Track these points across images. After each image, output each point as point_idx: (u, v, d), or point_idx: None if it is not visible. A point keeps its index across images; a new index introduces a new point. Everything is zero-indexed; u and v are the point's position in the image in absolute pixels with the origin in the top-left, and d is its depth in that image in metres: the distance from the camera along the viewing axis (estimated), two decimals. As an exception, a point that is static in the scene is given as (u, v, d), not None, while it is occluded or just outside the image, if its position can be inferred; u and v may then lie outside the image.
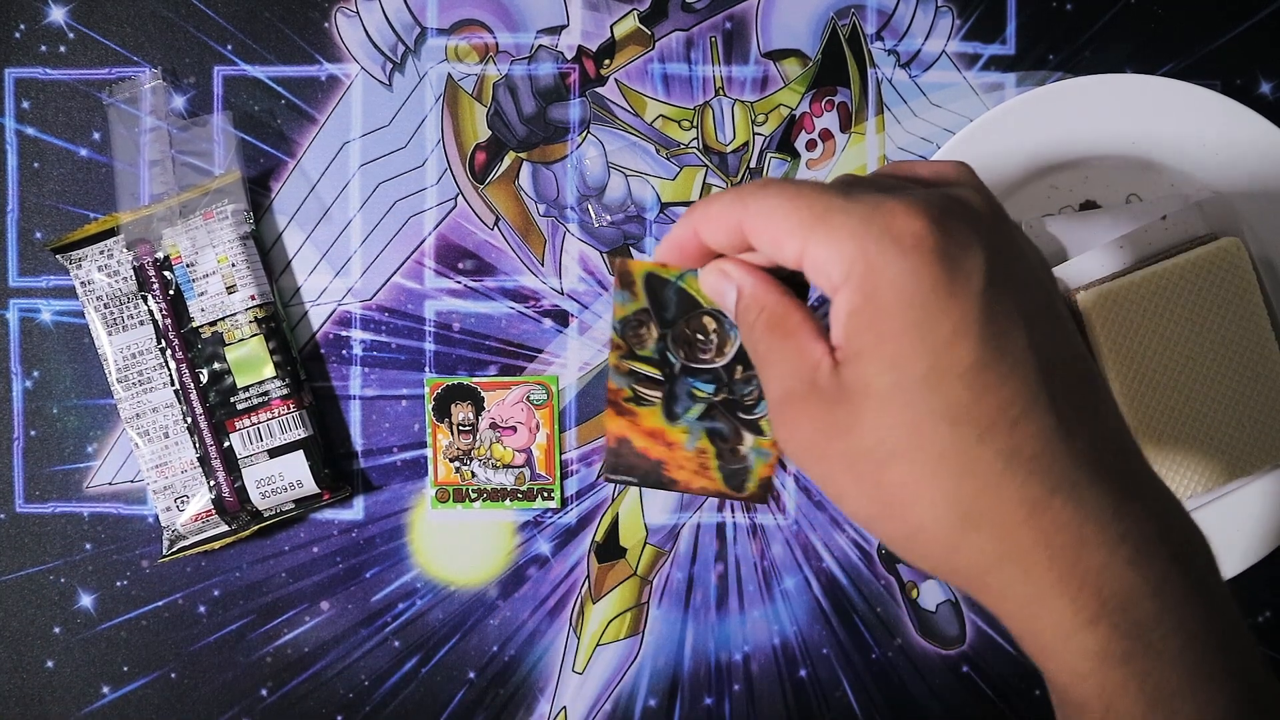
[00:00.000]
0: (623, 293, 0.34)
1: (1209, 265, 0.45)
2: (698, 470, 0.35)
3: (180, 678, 0.51)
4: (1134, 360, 0.46)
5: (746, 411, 0.35)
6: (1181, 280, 0.46)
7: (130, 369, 0.49)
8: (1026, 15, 0.51)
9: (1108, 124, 0.48)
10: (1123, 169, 0.49)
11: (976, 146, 0.48)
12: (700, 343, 0.34)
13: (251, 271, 0.49)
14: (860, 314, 0.28)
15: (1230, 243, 0.46)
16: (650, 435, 0.35)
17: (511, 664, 0.51)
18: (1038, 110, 0.48)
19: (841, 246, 0.27)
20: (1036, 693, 0.51)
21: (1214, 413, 0.46)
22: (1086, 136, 0.49)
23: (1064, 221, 0.49)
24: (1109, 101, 0.48)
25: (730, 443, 0.35)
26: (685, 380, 0.35)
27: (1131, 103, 0.48)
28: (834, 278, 0.28)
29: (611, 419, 0.35)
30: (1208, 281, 0.46)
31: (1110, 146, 0.49)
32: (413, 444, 0.51)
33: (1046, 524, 0.27)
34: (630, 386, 0.35)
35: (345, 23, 0.51)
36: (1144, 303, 0.46)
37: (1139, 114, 0.48)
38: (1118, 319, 0.46)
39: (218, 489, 0.49)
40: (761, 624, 0.51)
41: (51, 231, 0.51)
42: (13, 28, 0.51)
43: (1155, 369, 0.46)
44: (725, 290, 0.32)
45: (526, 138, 0.51)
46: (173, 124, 0.51)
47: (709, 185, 0.51)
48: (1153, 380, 0.46)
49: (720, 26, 0.51)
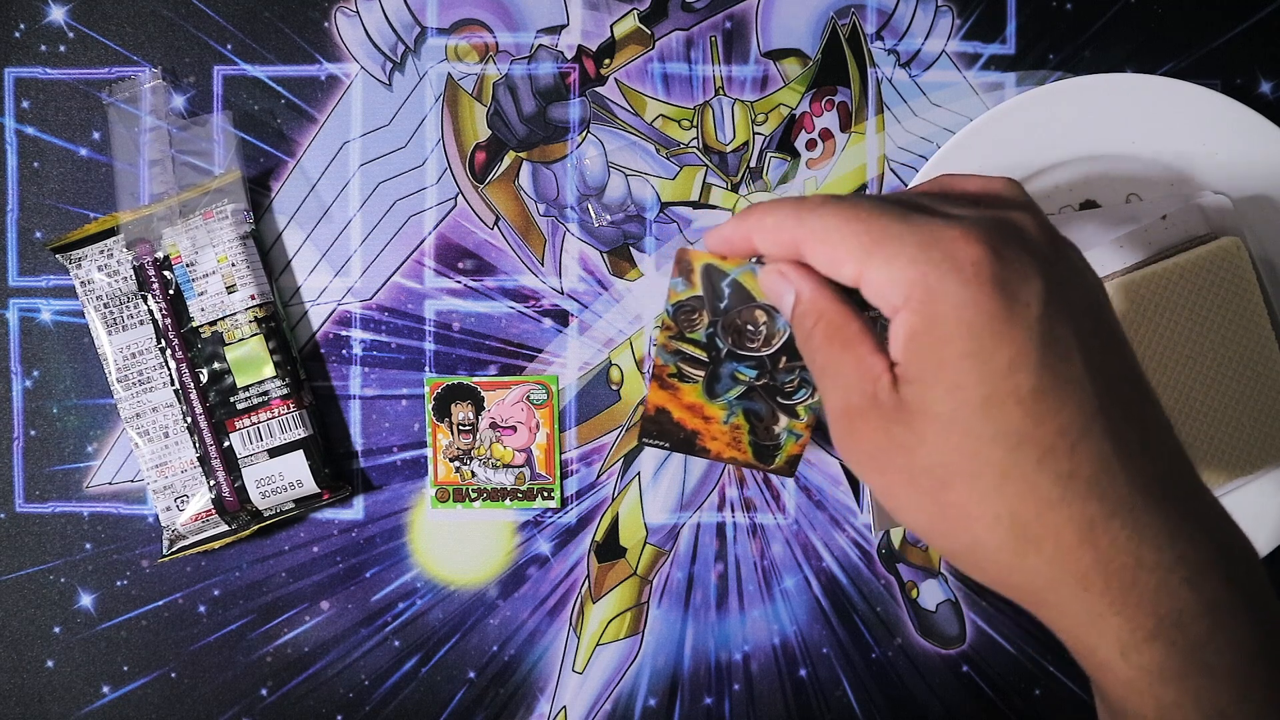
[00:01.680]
0: (679, 279, 0.35)
1: (1209, 265, 0.45)
2: (730, 443, 0.38)
3: (180, 677, 0.51)
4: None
5: (785, 397, 0.36)
6: (1181, 280, 0.46)
7: (130, 369, 0.49)
8: (1026, 15, 0.51)
9: (1107, 123, 0.48)
10: (1123, 169, 0.49)
11: (976, 146, 0.48)
12: (749, 333, 0.36)
13: (251, 271, 0.49)
14: (920, 338, 0.28)
15: (1230, 242, 0.46)
16: (689, 408, 0.37)
17: (511, 664, 0.51)
18: (1037, 110, 0.48)
19: (901, 272, 0.28)
20: (1036, 692, 0.51)
21: (1214, 413, 0.46)
22: (1086, 136, 0.49)
23: (1064, 221, 0.49)
24: (1109, 101, 0.48)
25: (765, 422, 0.37)
26: (730, 364, 0.36)
27: (1131, 102, 0.48)
28: (893, 300, 0.29)
29: (654, 390, 0.37)
30: (1208, 281, 0.46)
31: (1110, 146, 0.49)
32: (413, 444, 0.51)
33: (1104, 546, 0.27)
34: (676, 364, 0.36)
35: (345, 22, 0.51)
36: (1144, 302, 0.46)
37: (1139, 113, 0.48)
38: (1121, 318, 0.46)
39: (218, 489, 0.49)
40: (761, 623, 0.51)
41: (51, 231, 0.51)
42: (13, 27, 0.51)
43: (1155, 369, 0.46)
44: (783, 292, 0.33)
45: (526, 137, 0.51)
46: (173, 124, 0.51)
47: (709, 185, 0.51)
48: (1152, 380, 0.46)
49: (720, 26, 0.51)
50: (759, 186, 0.51)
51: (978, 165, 0.48)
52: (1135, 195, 0.50)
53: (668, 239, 0.51)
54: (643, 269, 0.52)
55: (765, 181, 0.51)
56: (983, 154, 0.48)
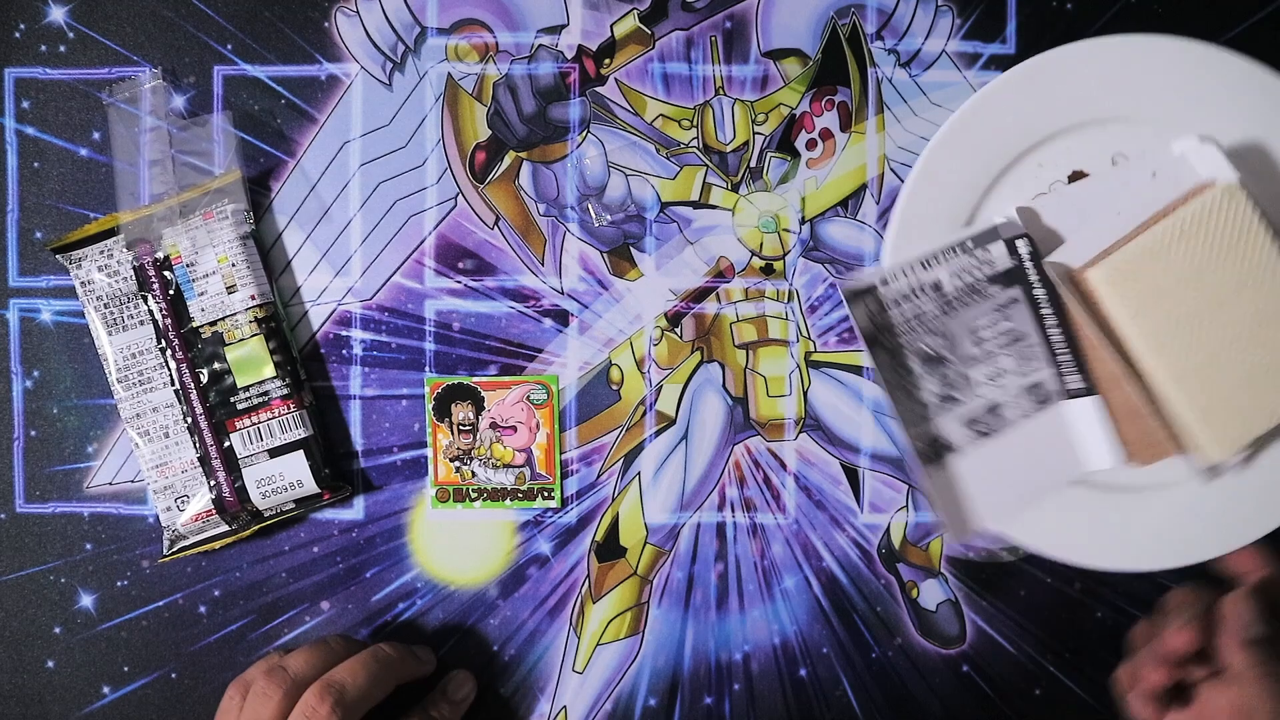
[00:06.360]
0: None
1: (1209, 212, 0.45)
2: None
3: (180, 678, 0.51)
4: (1159, 322, 0.46)
5: None
6: (1183, 234, 0.45)
7: (130, 369, 0.49)
8: (1026, 14, 0.51)
9: (1077, 92, 0.49)
10: (1102, 131, 0.50)
11: (955, 147, 0.49)
12: None
13: (251, 271, 0.49)
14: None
15: (1225, 186, 0.46)
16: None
17: (511, 664, 0.51)
18: (1008, 96, 0.49)
19: None
20: (1036, 692, 0.51)
21: (1255, 348, 0.46)
22: (1061, 109, 0.49)
23: (1057, 199, 0.49)
24: (1075, 71, 0.48)
25: None
26: None
27: (1096, 66, 0.48)
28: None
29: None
30: (1212, 227, 0.45)
31: (1085, 113, 0.49)
32: (413, 444, 0.51)
33: None
34: None
35: (345, 22, 0.51)
36: (1155, 264, 0.46)
37: (1105, 76, 0.49)
38: (1134, 286, 0.46)
39: (218, 489, 0.49)
40: (761, 623, 0.51)
41: (51, 231, 0.51)
42: (13, 28, 0.51)
43: (1183, 324, 0.46)
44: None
45: (526, 137, 0.51)
46: (173, 124, 0.51)
47: (709, 185, 0.51)
48: (1183, 336, 0.46)
49: (720, 26, 0.51)
50: (759, 186, 0.51)
51: (961, 164, 0.49)
52: (1121, 155, 0.50)
53: (668, 239, 0.51)
54: (643, 269, 0.52)
55: (765, 181, 0.51)
56: (963, 151, 0.49)
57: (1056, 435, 0.48)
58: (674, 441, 0.52)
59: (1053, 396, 0.48)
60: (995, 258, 0.48)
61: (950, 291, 0.48)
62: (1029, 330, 0.48)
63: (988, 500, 0.47)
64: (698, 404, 0.52)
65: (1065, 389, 0.48)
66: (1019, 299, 0.48)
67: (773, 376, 0.51)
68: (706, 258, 0.52)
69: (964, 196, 0.49)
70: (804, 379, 0.51)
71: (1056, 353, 0.48)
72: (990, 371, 0.48)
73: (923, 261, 0.48)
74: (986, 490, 0.48)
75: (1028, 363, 0.48)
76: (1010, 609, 0.51)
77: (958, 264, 0.48)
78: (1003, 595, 0.51)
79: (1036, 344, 0.48)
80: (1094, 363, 0.47)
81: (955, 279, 0.48)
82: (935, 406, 0.48)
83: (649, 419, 0.52)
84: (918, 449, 0.47)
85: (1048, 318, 0.48)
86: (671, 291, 0.52)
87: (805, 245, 0.52)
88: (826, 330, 0.51)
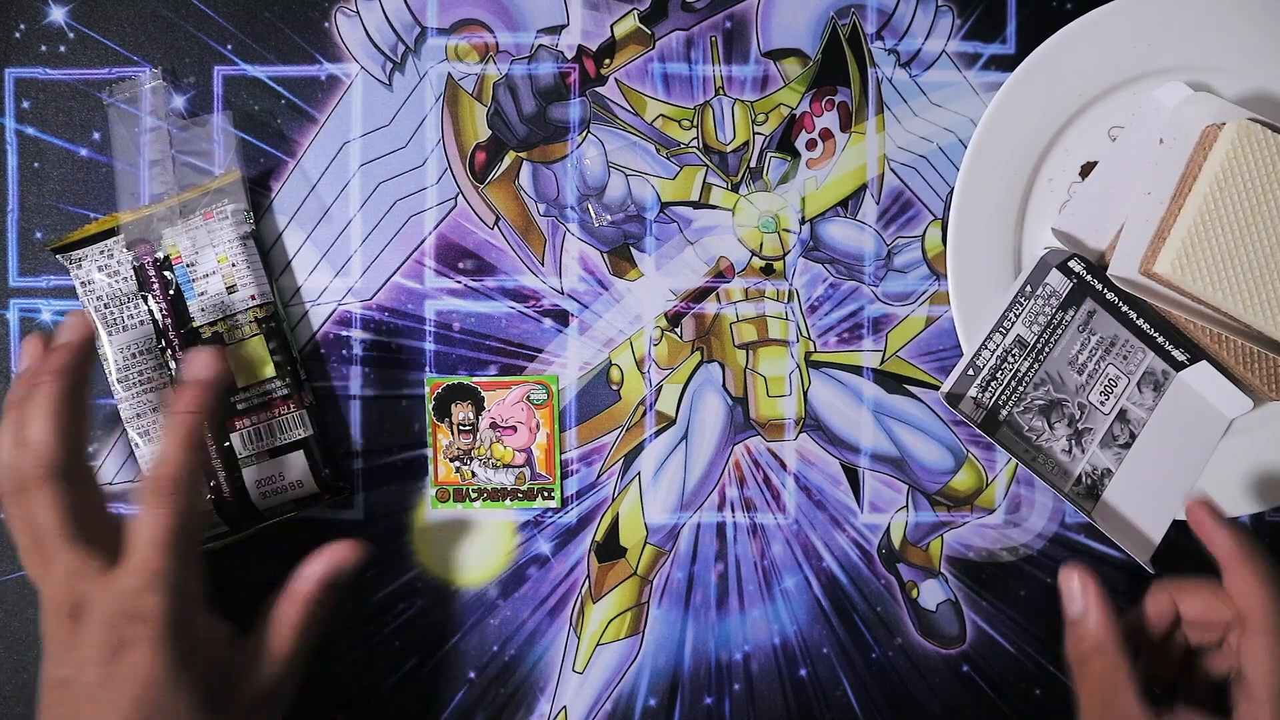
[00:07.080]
0: None
1: (1234, 157, 0.45)
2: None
3: (180, 677, 0.51)
4: (1238, 277, 0.45)
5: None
6: (1221, 189, 0.45)
7: (130, 369, 0.49)
8: (1026, 14, 0.51)
9: (1059, 89, 0.49)
10: (1089, 116, 0.50)
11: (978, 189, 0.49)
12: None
13: (251, 271, 0.49)
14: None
15: (1237, 124, 0.45)
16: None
17: (511, 664, 0.51)
18: (1007, 119, 0.49)
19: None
20: (1037, 692, 0.51)
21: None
22: (1057, 109, 0.49)
23: (1081, 205, 0.49)
24: (1048, 70, 0.49)
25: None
26: None
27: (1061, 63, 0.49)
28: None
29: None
30: (1243, 169, 0.45)
31: (1072, 108, 0.50)
32: (413, 444, 0.51)
33: None
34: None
35: (345, 22, 0.51)
36: (1209, 230, 0.45)
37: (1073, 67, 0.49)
38: (1200, 260, 0.45)
39: (218, 489, 0.49)
40: (761, 623, 0.51)
41: (51, 231, 0.51)
42: (13, 28, 0.51)
43: (1260, 268, 0.45)
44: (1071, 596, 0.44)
45: (526, 137, 0.51)
46: (173, 124, 0.51)
47: (709, 185, 0.51)
48: (1265, 278, 0.45)
49: (720, 26, 0.51)
50: (759, 186, 0.51)
51: (976, 201, 0.49)
52: (1116, 127, 0.50)
53: (668, 239, 0.52)
54: (643, 269, 0.52)
55: (765, 181, 0.51)
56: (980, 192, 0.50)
57: (1188, 407, 0.49)
58: (674, 441, 0.52)
59: (1167, 376, 0.49)
60: (1056, 286, 0.48)
61: (1033, 340, 0.48)
62: (1117, 330, 0.49)
63: (1155, 505, 0.48)
64: (698, 404, 0.52)
65: (1175, 363, 0.49)
66: (1095, 309, 0.49)
67: (773, 376, 0.51)
68: (706, 258, 0.52)
69: (1002, 240, 0.50)
70: (804, 379, 0.51)
71: (1153, 337, 0.49)
72: (1103, 386, 0.49)
73: (997, 329, 0.48)
74: (1151, 496, 0.49)
75: (1130, 359, 0.49)
76: (1010, 609, 0.51)
77: (1027, 312, 0.48)
78: (1003, 595, 0.51)
79: (1130, 339, 0.49)
80: (1191, 332, 0.49)
81: (1032, 326, 0.48)
82: (1074, 449, 0.49)
83: (649, 419, 0.52)
84: (1075, 495, 0.48)
85: (1129, 312, 0.49)
86: (671, 291, 0.52)
87: (805, 245, 0.52)
88: (826, 330, 0.52)
